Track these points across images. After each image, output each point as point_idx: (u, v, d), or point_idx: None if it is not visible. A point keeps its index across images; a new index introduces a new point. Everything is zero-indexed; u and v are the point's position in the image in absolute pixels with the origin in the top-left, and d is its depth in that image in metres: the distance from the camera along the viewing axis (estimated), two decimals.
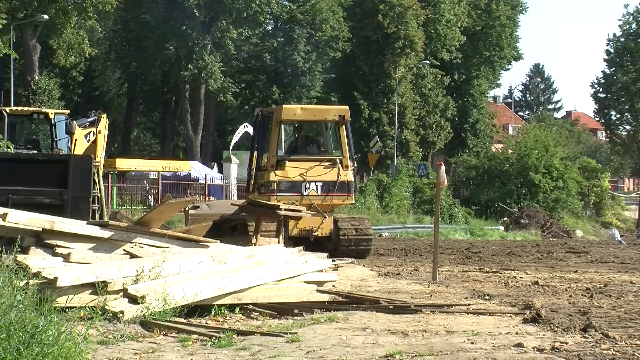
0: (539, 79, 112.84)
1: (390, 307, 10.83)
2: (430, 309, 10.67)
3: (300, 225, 19.59)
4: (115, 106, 66.68)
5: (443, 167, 17.20)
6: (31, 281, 8.57)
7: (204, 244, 11.60)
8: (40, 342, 6.53)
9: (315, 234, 19.72)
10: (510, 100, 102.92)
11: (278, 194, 19.66)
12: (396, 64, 59.18)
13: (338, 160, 20.01)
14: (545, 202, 43.21)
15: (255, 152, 20.84)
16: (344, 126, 20.22)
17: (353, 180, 20.34)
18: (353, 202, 21.64)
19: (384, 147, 55.51)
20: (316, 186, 19.81)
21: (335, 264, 14.95)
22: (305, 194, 19.76)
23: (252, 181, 20.83)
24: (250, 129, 51.42)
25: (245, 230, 18.93)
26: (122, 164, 44.49)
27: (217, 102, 60.14)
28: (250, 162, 21.24)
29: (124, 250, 10.70)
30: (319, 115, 21.03)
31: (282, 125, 21.15)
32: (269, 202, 18.92)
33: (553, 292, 13.12)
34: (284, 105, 21.02)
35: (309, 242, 19.51)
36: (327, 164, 20.02)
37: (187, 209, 20.85)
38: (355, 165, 20.96)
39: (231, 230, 19.45)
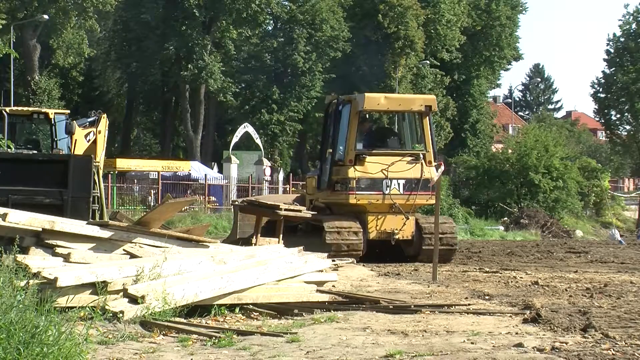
0: (539, 79, 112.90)
1: (390, 307, 10.82)
2: (430, 309, 10.66)
3: (381, 227, 18.34)
4: (115, 106, 66.68)
5: (442, 167, 17.15)
6: (31, 281, 8.57)
7: (204, 244, 11.61)
8: (40, 342, 6.53)
9: (397, 236, 18.26)
10: (510, 100, 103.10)
11: (357, 192, 18.17)
12: (396, 64, 59.19)
13: (421, 155, 18.45)
14: (545, 202, 43.17)
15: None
16: (427, 117, 18.78)
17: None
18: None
19: None
20: (398, 184, 18.26)
21: (335, 264, 14.93)
22: (386, 192, 18.23)
23: (326, 177, 18.94)
24: (250, 129, 51.49)
25: (318, 231, 17.71)
26: (122, 164, 44.48)
27: (217, 102, 60.17)
28: (321, 156, 19.53)
29: (124, 250, 10.70)
30: (404, 104, 19.42)
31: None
32: (269, 202, 18.72)
33: (553, 292, 13.11)
34: (366, 94, 19.32)
35: (389, 245, 18.43)
36: (409, 159, 18.45)
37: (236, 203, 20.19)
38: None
39: (290, 230, 18.36)
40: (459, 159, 55.64)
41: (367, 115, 19.65)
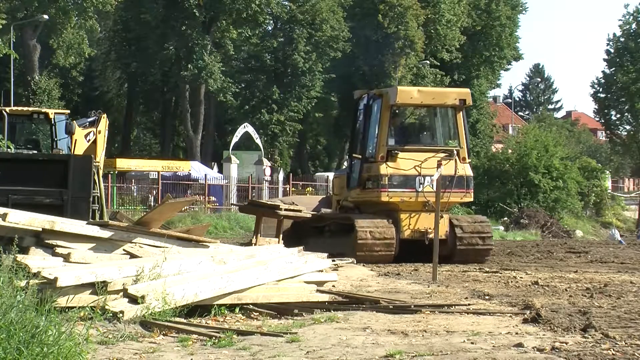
0: (539, 79, 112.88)
1: (390, 307, 10.82)
2: (430, 309, 10.66)
3: (414, 226, 17.90)
4: (115, 106, 66.69)
5: (442, 167, 17.12)
6: (31, 281, 8.57)
7: (204, 244, 11.60)
8: (40, 342, 6.53)
9: (430, 236, 17.21)
10: (510, 100, 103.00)
11: (389, 189, 17.70)
12: (396, 64, 59.17)
13: (455, 152, 18.05)
14: (545, 202, 43.17)
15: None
16: (461, 112, 18.48)
17: (472, 174, 18.57)
18: (472, 199, 19.66)
19: None
20: (431, 181, 17.66)
21: (335, 264, 14.93)
22: (419, 190, 17.76)
23: (356, 175, 18.49)
24: (250, 129, 51.50)
25: (346, 232, 17.38)
26: (122, 164, 44.51)
27: (217, 102, 60.15)
28: (350, 153, 19.05)
29: (124, 250, 10.70)
30: (438, 98, 18.87)
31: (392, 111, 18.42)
32: (269, 202, 18.69)
33: (553, 292, 13.10)
34: (399, 87, 18.86)
35: (421, 245, 17.81)
36: (443, 155, 17.96)
37: None
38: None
39: (317, 231, 18.17)
40: None
41: (398, 110, 19.23)
